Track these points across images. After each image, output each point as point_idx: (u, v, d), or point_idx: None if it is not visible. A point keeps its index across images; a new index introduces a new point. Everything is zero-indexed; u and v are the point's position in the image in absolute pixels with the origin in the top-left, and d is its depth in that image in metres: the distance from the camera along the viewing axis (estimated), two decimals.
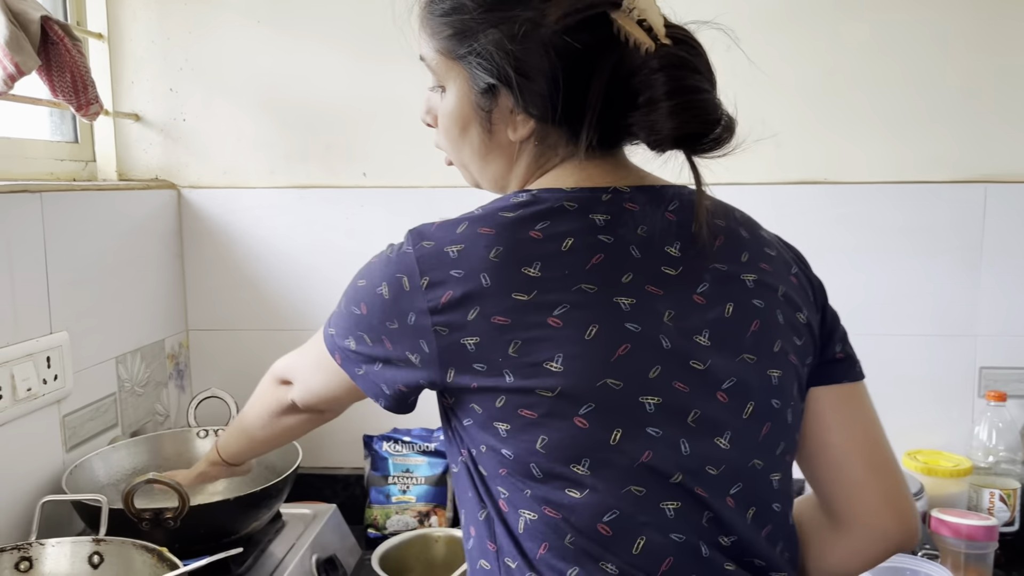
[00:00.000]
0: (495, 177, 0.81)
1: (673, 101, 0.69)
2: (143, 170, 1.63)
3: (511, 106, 0.75)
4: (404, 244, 0.73)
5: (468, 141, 0.79)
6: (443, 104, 0.80)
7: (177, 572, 0.92)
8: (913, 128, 1.51)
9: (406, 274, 0.71)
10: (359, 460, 1.64)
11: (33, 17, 1.18)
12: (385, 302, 0.72)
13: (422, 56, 0.81)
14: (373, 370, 0.75)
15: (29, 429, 1.18)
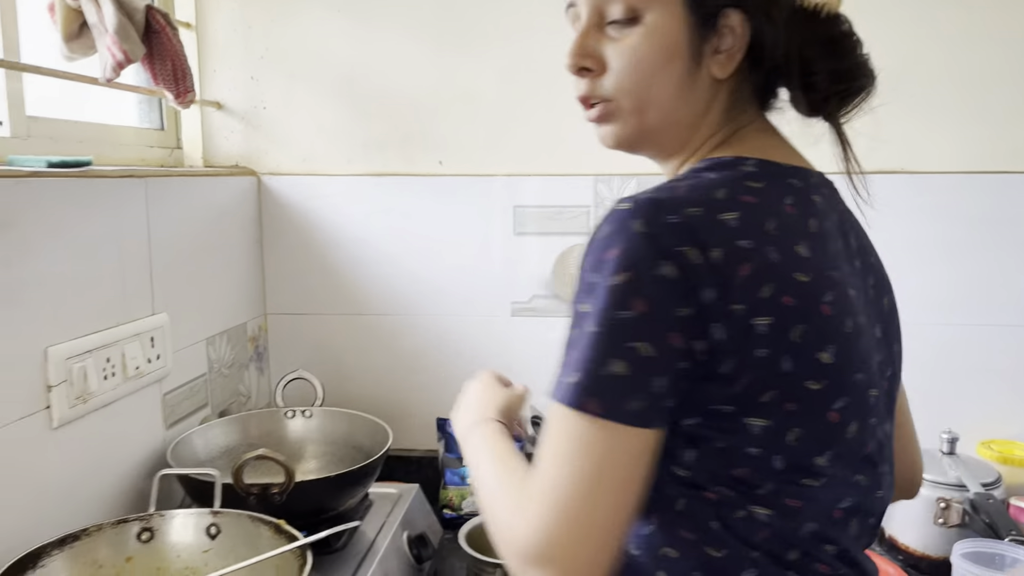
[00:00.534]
0: (683, 122, 0.73)
1: (854, 57, 0.73)
2: (224, 157, 1.66)
3: (726, 40, 0.70)
4: (658, 214, 0.62)
5: (666, 77, 0.71)
6: (635, 35, 0.71)
7: (299, 543, 0.95)
8: (994, 119, 1.51)
9: (688, 245, 0.61)
10: (432, 443, 1.67)
11: (139, 6, 1.22)
12: (674, 284, 0.61)
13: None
14: (653, 388, 0.61)
15: (137, 406, 1.22)
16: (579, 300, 0.63)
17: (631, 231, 0.62)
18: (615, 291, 0.60)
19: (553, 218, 1.61)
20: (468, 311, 1.65)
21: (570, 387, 0.61)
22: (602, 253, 0.62)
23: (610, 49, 0.73)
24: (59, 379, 1.03)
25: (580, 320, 0.63)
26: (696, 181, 0.67)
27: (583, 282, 0.63)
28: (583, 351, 0.61)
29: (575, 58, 0.74)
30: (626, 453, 0.61)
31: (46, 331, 1.02)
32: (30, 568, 0.91)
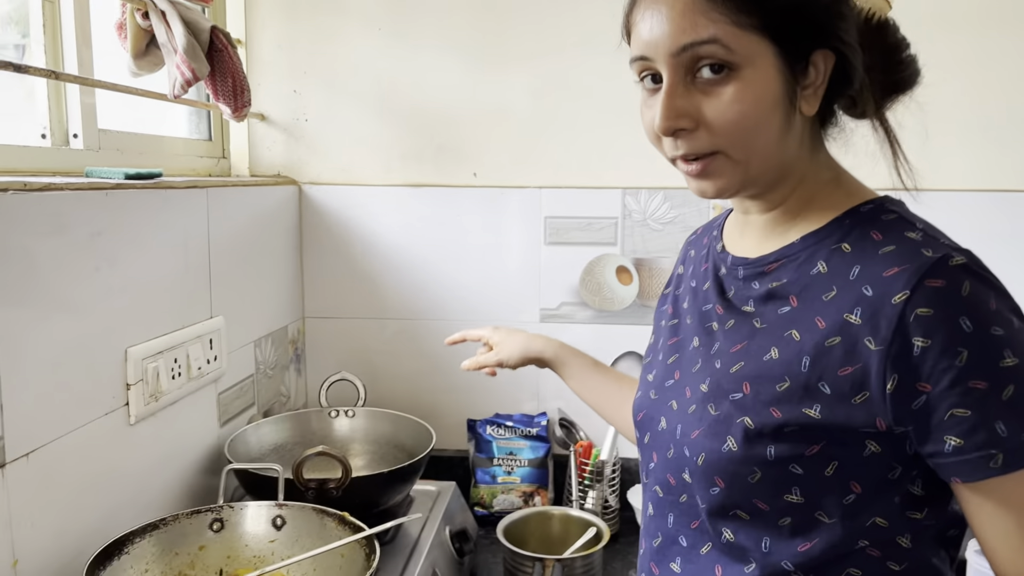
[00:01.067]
0: (784, 163, 0.76)
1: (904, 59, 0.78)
2: (266, 167, 1.73)
3: (814, 77, 0.73)
4: (979, 269, 0.69)
5: (768, 126, 0.72)
6: (732, 91, 0.71)
7: (365, 533, 1.02)
8: (1003, 139, 1.59)
9: (1003, 286, 0.70)
10: (462, 443, 1.75)
11: (204, 27, 1.29)
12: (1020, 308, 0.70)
13: (696, 41, 0.70)
14: None
15: (197, 404, 1.29)
16: (996, 358, 0.65)
17: (987, 279, 0.68)
18: (1022, 334, 0.66)
19: (582, 229, 1.69)
20: (498, 317, 1.73)
21: None
22: (987, 306, 0.66)
23: (706, 105, 0.72)
24: (136, 378, 1.10)
25: (1013, 375, 0.65)
26: (929, 224, 0.74)
27: (987, 339, 0.65)
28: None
29: (669, 121, 0.72)
30: None
31: (126, 333, 1.10)
32: (116, 554, 0.98)
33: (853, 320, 0.69)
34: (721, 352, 0.80)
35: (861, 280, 0.70)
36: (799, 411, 0.71)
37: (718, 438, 0.75)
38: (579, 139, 1.67)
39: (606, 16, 1.62)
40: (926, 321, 0.65)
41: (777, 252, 0.78)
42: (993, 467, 0.65)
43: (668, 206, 1.66)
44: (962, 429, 0.66)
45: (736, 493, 0.75)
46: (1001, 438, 0.65)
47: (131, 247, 1.10)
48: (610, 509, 1.59)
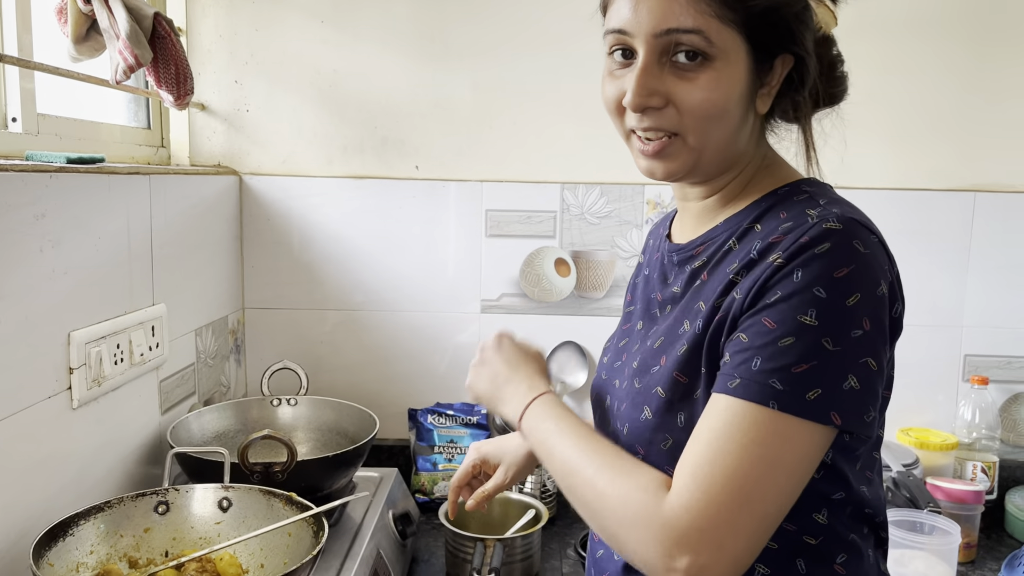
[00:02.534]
0: (730, 155, 0.81)
1: (839, 74, 0.84)
2: (206, 157, 1.73)
3: (772, 78, 0.78)
4: (865, 234, 0.71)
5: (728, 119, 0.76)
6: (705, 79, 0.74)
7: (314, 511, 1.04)
8: (913, 141, 1.70)
9: (887, 264, 0.73)
10: (403, 432, 1.77)
11: (147, 13, 1.29)
12: (884, 302, 0.71)
13: (679, 27, 0.73)
14: (876, 400, 0.72)
15: (139, 391, 1.29)
16: (800, 312, 0.68)
17: (859, 253, 0.70)
18: (852, 311, 0.68)
19: (522, 222, 1.73)
20: (440, 307, 1.76)
21: (808, 401, 0.69)
22: (832, 270, 0.68)
23: (677, 87, 0.75)
24: (80, 362, 1.10)
25: (801, 331, 0.68)
26: (840, 200, 0.77)
27: (804, 294, 0.68)
28: (819, 367, 0.69)
29: (640, 98, 0.75)
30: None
31: (69, 316, 1.09)
32: (61, 536, 0.97)
33: (731, 273, 0.76)
34: (653, 333, 0.86)
35: (756, 250, 0.75)
36: (698, 371, 0.76)
37: (638, 408, 0.80)
38: (520, 134, 1.72)
39: (547, 14, 1.68)
40: (775, 269, 0.71)
41: (702, 236, 0.84)
42: (729, 386, 0.70)
43: (604, 201, 1.72)
44: (734, 350, 0.71)
45: (652, 460, 0.78)
46: (749, 369, 0.69)
47: (75, 231, 1.10)
48: (548, 493, 1.63)
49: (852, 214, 0.73)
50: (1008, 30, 1.66)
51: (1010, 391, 1.74)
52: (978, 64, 1.68)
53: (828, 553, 0.78)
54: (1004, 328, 1.71)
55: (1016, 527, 1.60)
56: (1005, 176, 1.69)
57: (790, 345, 0.68)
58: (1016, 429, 1.74)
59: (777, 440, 0.68)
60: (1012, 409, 1.74)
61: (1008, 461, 1.70)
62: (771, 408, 0.68)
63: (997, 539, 1.60)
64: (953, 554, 1.29)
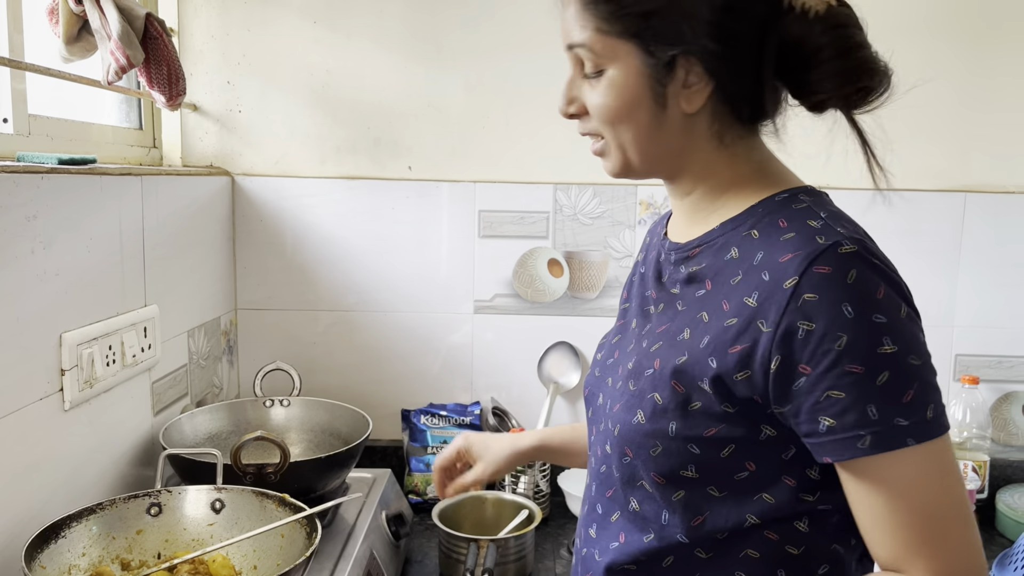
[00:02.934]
0: (667, 155, 0.81)
1: (853, 57, 0.76)
2: (198, 157, 1.72)
3: (690, 78, 0.76)
4: (873, 246, 0.73)
5: (634, 121, 0.78)
6: (602, 87, 0.78)
7: (307, 512, 1.04)
8: (904, 142, 1.71)
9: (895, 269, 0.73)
10: (396, 433, 1.77)
11: (139, 14, 1.29)
12: (917, 324, 0.72)
13: (573, 43, 0.80)
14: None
15: (131, 392, 1.29)
16: (875, 344, 0.67)
17: (879, 267, 0.70)
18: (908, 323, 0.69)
19: (515, 222, 1.73)
20: (433, 308, 1.76)
21: (931, 420, 0.68)
22: (873, 294, 0.68)
23: (588, 94, 0.81)
24: (71, 364, 1.10)
25: (890, 361, 0.67)
26: (838, 213, 0.77)
27: (868, 325, 0.67)
28: (920, 385, 0.68)
29: (562, 105, 0.84)
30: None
31: (61, 318, 1.09)
32: (53, 538, 0.97)
33: (751, 303, 0.73)
34: (649, 333, 0.85)
35: (762, 265, 0.73)
36: (697, 386, 0.75)
37: (631, 411, 0.80)
38: (513, 135, 1.72)
39: (539, 16, 1.68)
40: (811, 306, 0.69)
41: (699, 238, 0.83)
42: (861, 447, 0.68)
43: (597, 201, 1.73)
44: (836, 410, 0.69)
45: (640, 464, 0.79)
46: (871, 420, 0.67)
47: (66, 232, 1.10)
48: (541, 493, 1.64)
49: (857, 234, 0.73)
50: (998, 32, 1.67)
51: (1001, 390, 1.75)
52: (968, 66, 1.68)
53: (809, 563, 0.78)
54: (995, 328, 1.72)
55: (1007, 526, 1.61)
56: (995, 176, 1.70)
57: (888, 379, 0.67)
58: (1007, 428, 1.75)
59: (935, 471, 0.69)
60: (1003, 408, 1.75)
61: (999, 460, 1.71)
62: (910, 446, 0.68)
63: (988, 538, 1.61)
64: None
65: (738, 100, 0.79)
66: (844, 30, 0.76)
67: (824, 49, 0.75)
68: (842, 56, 0.75)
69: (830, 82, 0.76)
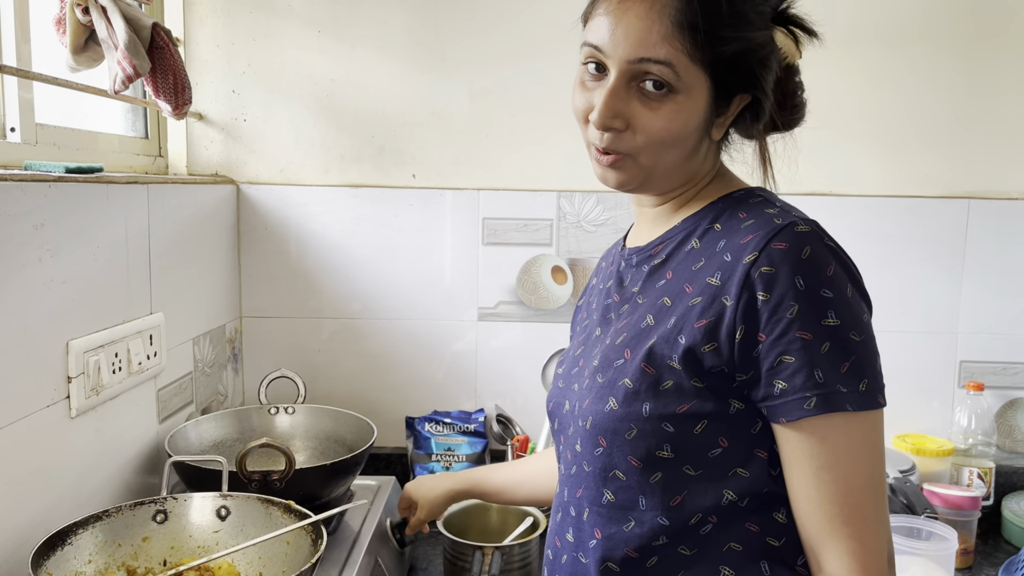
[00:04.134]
0: (682, 176, 0.86)
1: (800, 100, 0.88)
2: (204, 166, 1.73)
3: (732, 113, 0.83)
4: (822, 228, 0.78)
5: (682, 147, 0.81)
6: (667, 110, 0.78)
7: (315, 518, 1.04)
8: (907, 149, 1.71)
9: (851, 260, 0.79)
10: (400, 441, 1.77)
11: (145, 24, 1.30)
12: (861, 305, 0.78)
13: (651, 58, 0.77)
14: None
15: (137, 400, 1.29)
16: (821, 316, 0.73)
17: (831, 248, 0.76)
18: (852, 301, 0.75)
19: (519, 230, 1.74)
20: (437, 315, 1.76)
21: (865, 393, 0.74)
22: (824, 270, 0.74)
23: (640, 113, 0.79)
24: (78, 371, 1.10)
25: (832, 333, 0.73)
26: (789, 205, 0.83)
27: (816, 298, 0.73)
28: (856, 359, 0.74)
29: (606, 119, 0.79)
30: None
31: (68, 325, 1.09)
32: (60, 545, 0.98)
33: (714, 282, 0.78)
34: (613, 332, 0.88)
35: (724, 250, 0.79)
36: (666, 365, 0.78)
37: (603, 400, 0.83)
38: (516, 143, 1.73)
39: (542, 26, 1.69)
40: (767, 277, 0.74)
41: (661, 236, 0.88)
42: (807, 408, 0.73)
43: (601, 209, 1.73)
44: (787, 373, 0.74)
45: (616, 451, 0.81)
46: (817, 383, 0.73)
47: (73, 240, 1.10)
48: None
49: (808, 217, 0.79)
50: (1000, 39, 1.68)
51: (1006, 397, 1.74)
52: (969, 73, 1.69)
53: (789, 554, 0.80)
54: (999, 334, 1.72)
55: (1013, 533, 1.60)
56: (998, 183, 1.70)
57: (829, 349, 0.73)
58: (1012, 435, 1.75)
59: (868, 439, 0.75)
60: (1008, 415, 1.74)
61: (1004, 467, 1.71)
62: (848, 411, 0.73)
63: (994, 545, 1.60)
64: (950, 560, 1.30)
65: (744, 130, 0.87)
66: (798, 77, 0.88)
67: (787, 98, 0.86)
68: (796, 105, 0.88)
69: (785, 124, 0.88)
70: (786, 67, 0.85)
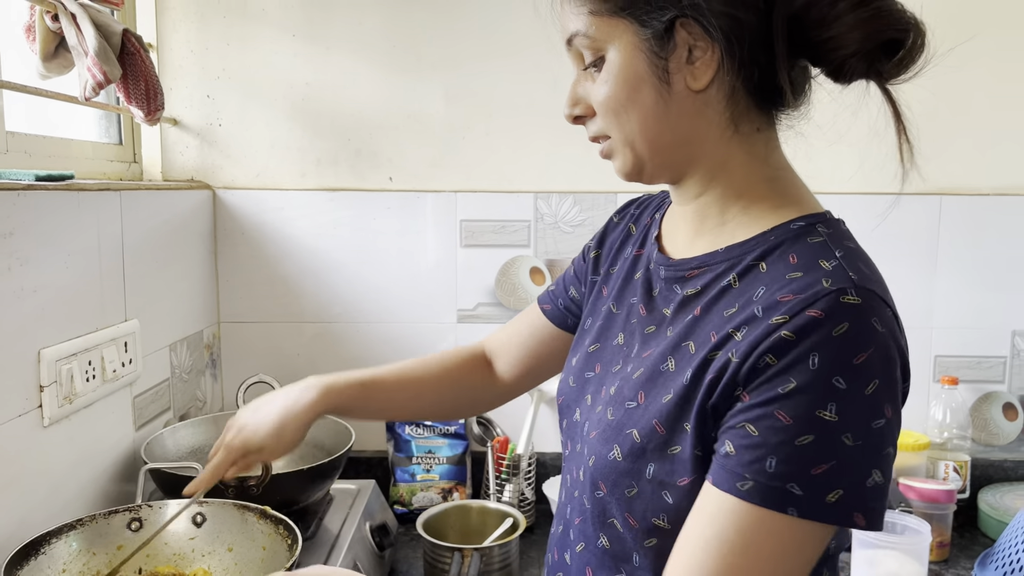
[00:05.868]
0: (671, 145, 0.74)
1: (869, 9, 0.68)
2: (179, 171, 1.73)
3: (694, 53, 0.70)
4: (883, 308, 0.65)
5: (638, 106, 0.72)
6: (604, 75, 0.73)
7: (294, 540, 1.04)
8: (878, 144, 1.72)
9: (902, 338, 0.66)
10: (381, 444, 1.77)
11: (116, 30, 1.29)
12: (899, 382, 0.65)
13: (570, 33, 0.75)
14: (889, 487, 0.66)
15: (112, 407, 1.28)
16: (817, 405, 0.62)
17: (877, 331, 0.63)
18: (869, 400, 0.62)
19: (497, 231, 1.74)
20: (417, 318, 1.76)
21: (829, 504, 0.63)
22: (851, 355, 0.62)
23: (589, 90, 0.76)
24: (50, 380, 1.10)
25: (821, 428, 0.62)
26: (856, 252, 0.70)
27: (822, 385, 0.61)
28: (837, 466, 0.62)
29: (567, 108, 0.78)
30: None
31: (39, 334, 1.09)
32: (33, 555, 0.97)
33: (737, 337, 0.67)
34: (635, 356, 0.79)
35: (760, 300, 0.67)
36: (680, 427, 0.70)
37: (607, 444, 0.75)
38: (492, 145, 1.73)
39: (518, 26, 1.69)
40: (784, 343, 0.63)
41: (700, 258, 0.77)
42: (740, 488, 0.63)
43: (578, 209, 1.74)
44: (741, 443, 0.64)
45: (614, 503, 0.75)
46: (764, 470, 0.62)
47: (44, 248, 1.10)
48: (527, 501, 1.64)
49: (871, 283, 0.66)
50: (970, 34, 1.69)
51: (980, 391, 1.76)
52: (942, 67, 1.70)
53: None
54: (973, 329, 1.74)
55: (989, 525, 1.62)
56: (970, 179, 1.72)
57: (808, 444, 0.62)
58: (987, 428, 1.77)
59: (793, 548, 0.64)
60: (983, 409, 1.76)
61: (980, 460, 1.73)
62: (789, 515, 0.62)
63: (971, 538, 1.62)
64: (924, 553, 1.31)
65: (750, 73, 0.71)
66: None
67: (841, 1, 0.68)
68: (860, 4, 0.68)
69: (851, 35, 0.69)
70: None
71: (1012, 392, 1.76)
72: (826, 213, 0.75)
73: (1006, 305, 1.74)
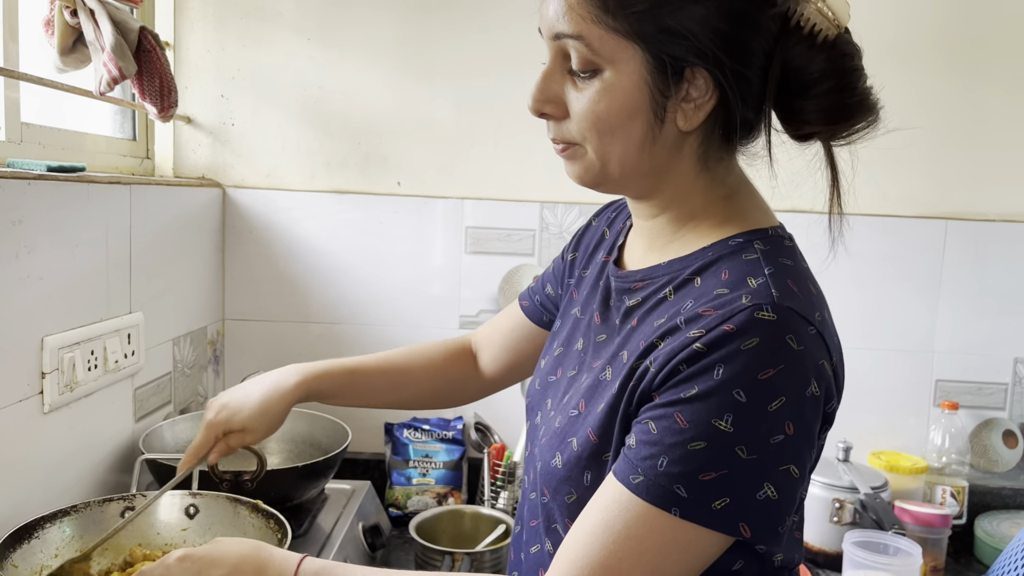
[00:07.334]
0: (648, 173, 0.73)
1: (853, 92, 0.70)
2: (191, 169, 1.75)
3: (692, 92, 0.69)
4: (801, 325, 0.64)
5: (626, 134, 0.70)
6: (594, 90, 0.70)
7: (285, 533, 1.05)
8: (887, 170, 1.73)
9: (825, 358, 0.66)
10: (379, 447, 1.78)
11: (133, 27, 1.32)
12: (815, 402, 0.65)
13: (563, 33, 0.70)
14: (792, 506, 0.67)
15: (113, 398, 1.30)
16: (714, 415, 0.62)
17: (791, 350, 0.63)
18: (769, 418, 0.62)
19: (502, 239, 1.76)
20: (419, 323, 1.78)
21: (714, 512, 0.64)
22: (756, 371, 0.62)
23: (572, 96, 0.72)
24: (52, 367, 1.11)
25: (715, 437, 0.63)
26: (788, 269, 0.69)
27: (722, 396, 0.62)
28: (727, 476, 0.63)
29: (535, 102, 0.73)
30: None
31: (43, 322, 1.11)
32: (27, 538, 0.98)
33: (660, 346, 0.68)
34: (587, 365, 0.81)
35: (684, 313, 0.68)
36: (609, 436, 0.71)
37: (552, 451, 0.77)
38: (500, 154, 1.75)
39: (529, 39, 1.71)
40: (695, 355, 0.64)
41: (644, 271, 0.78)
42: (632, 481, 0.65)
43: (583, 220, 1.74)
44: (642, 439, 0.66)
45: (556, 509, 0.76)
46: (654, 468, 0.64)
47: (52, 237, 1.12)
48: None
49: (792, 301, 0.65)
50: (980, 61, 1.70)
51: (980, 417, 1.76)
52: (950, 94, 1.71)
53: None
54: (975, 354, 1.74)
55: (985, 552, 1.61)
56: (976, 204, 1.72)
57: (700, 450, 0.63)
58: (986, 455, 1.76)
59: (675, 548, 0.64)
60: (982, 435, 1.76)
61: (978, 487, 1.72)
62: (672, 515, 0.63)
63: (966, 564, 1.61)
64: (914, 575, 1.31)
65: (736, 122, 0.71)
66: (848, 61, 0.70)
67: (825, 80, 0.69)
68: (843, 90, 0.70)
69: (825, 115, 0.71)
70: (823, 41, 0.69)
71: (1013, 419, 1.76)
72: (768, 229, 0.75)
73: (1009, 331, 1.73)
